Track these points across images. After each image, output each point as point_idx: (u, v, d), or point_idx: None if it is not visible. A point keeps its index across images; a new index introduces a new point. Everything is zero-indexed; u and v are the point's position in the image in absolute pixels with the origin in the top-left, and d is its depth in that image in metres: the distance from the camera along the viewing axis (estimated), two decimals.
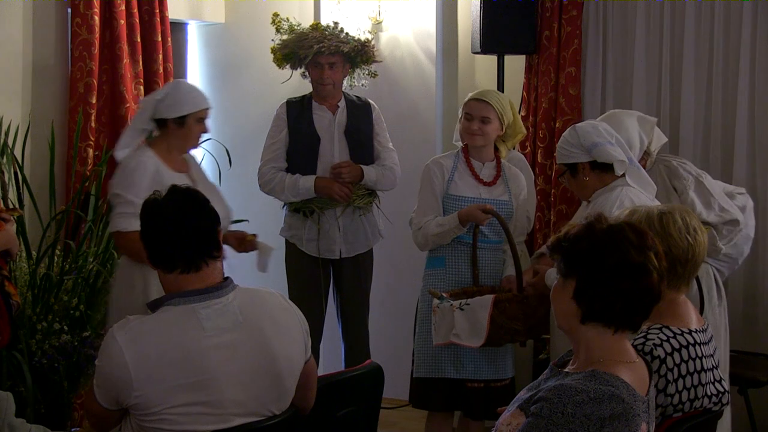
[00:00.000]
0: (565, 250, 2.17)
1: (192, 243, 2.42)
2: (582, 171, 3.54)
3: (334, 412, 2.84)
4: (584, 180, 3.54)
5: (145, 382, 2.31)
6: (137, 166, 3.52)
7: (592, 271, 2.12)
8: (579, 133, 3.54)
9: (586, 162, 3.52)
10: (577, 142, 3.52)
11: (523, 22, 5.01)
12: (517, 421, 2.09)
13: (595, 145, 3.49)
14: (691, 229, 2.56)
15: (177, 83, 3.80)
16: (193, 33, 5.79)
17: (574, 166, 3.54)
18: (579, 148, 3.52)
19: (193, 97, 3.61)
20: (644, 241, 2.15)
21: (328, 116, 4.53)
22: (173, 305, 2.40)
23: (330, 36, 4.47)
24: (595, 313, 2.14)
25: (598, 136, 3.51)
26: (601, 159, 3.49)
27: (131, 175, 3.50)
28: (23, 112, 4.65)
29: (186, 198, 2.49)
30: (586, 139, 3.51)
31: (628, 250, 2.12)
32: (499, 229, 3.74)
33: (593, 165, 3.52)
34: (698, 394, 2.49)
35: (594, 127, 3.57)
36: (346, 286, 4.61)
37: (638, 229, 2.19)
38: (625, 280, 2.11)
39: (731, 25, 4.68)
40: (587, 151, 3.51)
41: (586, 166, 3.53)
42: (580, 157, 3.52)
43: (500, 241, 3.82)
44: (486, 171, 3.89)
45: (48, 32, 4.77)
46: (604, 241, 2.13)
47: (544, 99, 5.09)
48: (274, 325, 2.49)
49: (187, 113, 3.57)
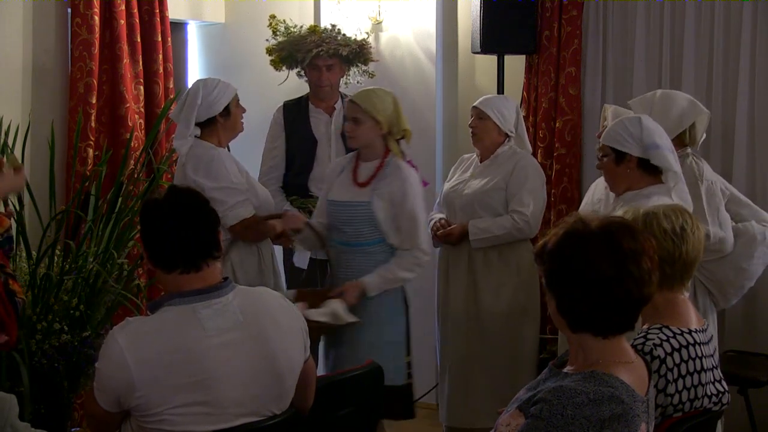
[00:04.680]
0: (544, 265, 2.17)
1: (192, 243, 2.42)
2: (627, 162, 3.43)
3: (334, 412, 2.84)
4: (626, 172, 3.43)
5: (147, 383, 2.30)
6: (210, 156, 3.75)
7: (567, 289, 2.11)
8: (644, 126, 3.42)
9: (636, 156, 3.42)
10: (638, 135, 3.40)
11: (523, 22, 5.01)
12: (516, 421, 2.08)
13: (656, 146, 3.39)
14: (677, 228, 2.55)
15: (204, 83, 3.87)
16: (193, 33, 5.79)
17: (623, 154, 3.43)
18: (638, 141, 3.40)
19: (224, 88, 3.83)
20: (618, 248, 2.09)
21: (324, 119, 4.54)
22: (173, 305, 2.40)
23: (328, 39, 4.48)
24: (579, 324, 2.14)
25: (660, 138, 3.42)
26: (657, 162, 3.40)
27: (213, 165, 3.73)
28: (23, 112, 4.64)
29: (186, 198, 2.50)
30: (649, 136, 3.40)
31: (600, 264, 2.08)
32: (360, 231, 3.71)
33: (641, 162, 3.42)
34: (698, 394, 2.49)
35: (658, 128, 3.46)
36: None
37: (612, 234, 2.12)
38: (601, 294, 2.08)
39: (731, 25, 4.68)
40: (645, 148, 3.40)
41: (633, 160, 3.42)
42: (634, 149, 3.41)
43: (360, 244, 3.74)
44: (364, 172, 3.78)
45: (48, 32, 4.77)
46: (577, 256, 2.10)
47: (544, 99, 5.09)
48: (274, 324, 2.49)
49: (227, 102, 3.81)
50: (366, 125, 3.71)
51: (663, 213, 2.58)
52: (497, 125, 4.32)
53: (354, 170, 3.78)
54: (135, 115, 4.96)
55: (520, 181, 4.27)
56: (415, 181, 3.76)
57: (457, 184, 4.43)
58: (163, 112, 4.93)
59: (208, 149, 3.79)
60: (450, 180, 4.53)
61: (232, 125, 3.88)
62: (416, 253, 3.72)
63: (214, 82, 3.85)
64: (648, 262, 2.13)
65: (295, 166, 4.50)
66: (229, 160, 3.81)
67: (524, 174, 4.28)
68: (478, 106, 4.37)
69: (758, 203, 4.15)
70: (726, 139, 4.71)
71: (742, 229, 3.80)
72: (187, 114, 3.80)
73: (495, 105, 4.35)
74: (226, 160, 3.80)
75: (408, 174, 3.73)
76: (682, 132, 3.80)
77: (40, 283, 4.19)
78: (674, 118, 3.77)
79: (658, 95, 3.92)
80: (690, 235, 2.56)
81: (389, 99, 3.75)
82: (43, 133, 4.64)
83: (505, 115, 4.34)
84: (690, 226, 2.58)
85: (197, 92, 3.80)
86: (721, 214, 3.72)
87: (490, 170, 4.34)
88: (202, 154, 3.78)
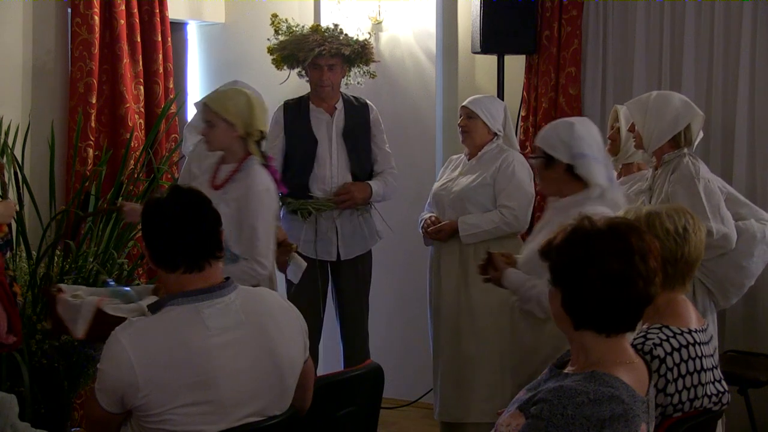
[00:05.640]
0: (551, 261, 2.17)
1: (195, 243, 2.42)
2: (556, 167, 3.23)
3: (334, 412, 2.84)
4: (554, 176, 3.24)
5: (151, 383, 2.30)
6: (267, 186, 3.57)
7: (575, 283, 2.12)
8: (575, 133, 3.23)
9: (564, 162, 3.21)
10: (568, 142, 3.20)
11: (523, 22, 5.02)
12: (516, 422, 2.09)
13: (582, 156, 3.21)
14: (680, 228, 2.56)
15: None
16: (193, 33, 5.79)
17: (552, 158, 3.23)
18: (567, 147, 3.20)
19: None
20: (627, 245, 2.11)
21: (325, 119, 4.54)
22: (176, 305, 2.40)
23: (330, 38, 4.47)
24: (584, 321, 2.14)
25: (589, 148, 3.22)
26: (580, 172, 3.19)
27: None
28: (23, 112, 4.65)
29: (189, 198, 2.50)
30: (578, 145, 3.20)
31: (608, 259, 2.09)
32: None
33: (570, 168, 3.21)
34: (698, 394, 2.49)
35: (591, 136, 3.27)
36: (345, 287, 4.61)
37: (621, 231, 2.14)
38: (608, 290, 2.09)
39: (731, 24, 4.68)
40: (572, 156, 3.20)
41: (562, 166, 3.21)
42: (563, 155, 3.20)
43: None
44: (222, 174, 3.62)
45: (48, 32, 4.77)
46: (584, 251, 2.11)
47: (544, 99, 5.09)
48: (276, 324, 2.49)
49: None
50: (219, 128, 3.53)
51: (666, 213, 2.59)
52: (486, 124, 4.41)
53: (214, 172, 3.65)
54: (135, 115, 4.96)
55: (507, 176, 4.34)
56: (261, 188, 3.52)
57: (446, 183, 4.50)
58: (163, 112, 4.93)
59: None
60: (440, 180, 4.61)
61: None
62: (253, 265, 3.45)
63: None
64: (654, 261, 2.15)
65: (295, 166, 4.50)
66: None
67: (511, 170, 4.34)
68: (468, 105, 4.46)
69: (758, 203, 4.14)
70: (726, 139, 4.71)
71: (741, 227, 3.80)
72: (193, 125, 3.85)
73: (484, 104, 4.43)
74: None
75: (255, 181, 3.51)
76: (677, 133, 3.80)
77: (40, 283, 4.19)
78: (669, 120, 3.77)
79: (653, 97, 3.89)
80: (692, 235, 2.57)
81: (243, 100, 3.56)
82: (43, 133, 4.64)
83: (494, 115, 4.43)
84: (692, 227, 2.59)
85: None
86: (723, 211, 3.72)
87: (478, 167, 4.41)
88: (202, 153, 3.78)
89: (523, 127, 5.21)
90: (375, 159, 4.59)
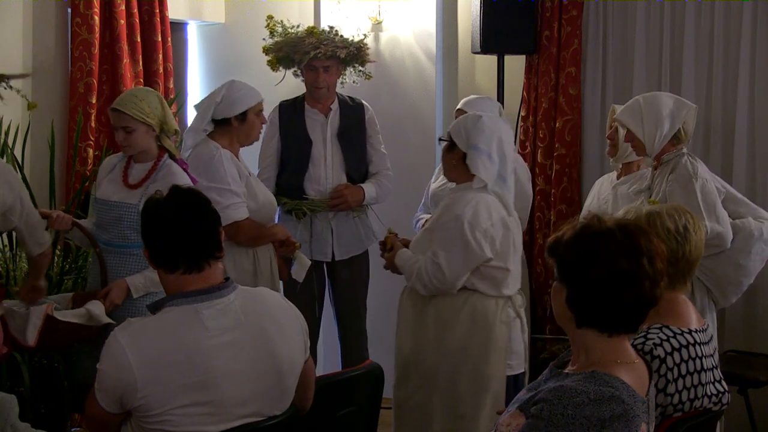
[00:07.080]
0: (558, 256, 2.17)
1: (195, 243, 2.42)
2: (455, 154, 3.46)
3: (334, 412, 2.84)
4: (452, 162, 3.48)
5: (150, 383, 2.30)
6: (210, 155, 3.78)
7: (581, 280, 2.11)
8: (477, 126, 3.43)
9: (462, 151, 3.44)
10: (468, 131, 3.43)
11: (523, 22, 5.02)
12: (516, 422, 2.09)
13: (475, 148, 3.40)
14: (681, 228, 2.56)
15: (231, 84, 3.93)
16: (193, 33, 5.79)
17: (453, 144, 3.47)
18: (466, 136, 3.42)
19: (248, 93, 3.88)
20: (635, 246, 2.12)
21: (320, 119, 4.53)
22: (175, 305, 2.40)
23: (326, 41, 4.47)
24: (587, 319, 2.14)
25: (486, 143, 3.40)
26: (468, 162, 3.41)
27: (212, 165, 3.75)
28: (23, 112, 4.64)
29: (188, 198, 2.50)
30: (476, 137, 3.40)
31: (617, 258, 2.09)
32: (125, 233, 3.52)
33: (464, 158, 3.43)
34: (698, 394, 2.49)
35: (493, 132, 3.43)
36: (341, 288, 4.61)
37: (630, 232, 2.15)
38: (615, 289, 2.09)
39: (731, 25, 4.68)
40: (468, 146, 3.41)
41: (459, 153, 3.44)
42: (461, 143, 3.43)
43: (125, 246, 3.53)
44: (136, 173, 3.60)
45: (48, 32, 4.77)
46: (594, 249, 2.11)
47: (544, 99, 5.09)
48: (276, 324, 2.49)
49: (246, 108, 3.85)
50: (139, 132, 3.52)
51: (666, 213, 2.59)
52: None
53: (125, 170, 3.62)
54: None
55: None
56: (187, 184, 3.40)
57: (444, 183, 4.47)
58: None
59: (211, 148, 3.80)
60: (436, 180, 4.60)
61: (246, 132, 3.90)
62: None
63: (241, 85, 3.91)
64: (660, 263, 2.15)
65: (290, 166, 4.50)
66: (228, 162, 3.80)
67: None
68: (462, 107, 4.47)
69: (758, 203, 4.14)
70: (726, 139, 4.71)
71: (739, 225, 3.80)
72: (205, 107, 3.85)
73: (478, 106, 4.41)
74: (226, 161, 3.79)
75: (178, 179, 3.47)
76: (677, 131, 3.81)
77: None
78: (667, 122, 3.77)
79: (642, 102, 3.87)
80: (692, 234, 2.57)
81: (155, 98, 3.58)
82: (43, 133, 4.64)
83: None
84: (692, 226, 2.59)
85: (221, 89, 3.86)
86: (719, 210, 3.72)
87: None
88: (203, 152, 3.80)
89: (523, 127, 5.21)
90: (370, 160, 4.58)
